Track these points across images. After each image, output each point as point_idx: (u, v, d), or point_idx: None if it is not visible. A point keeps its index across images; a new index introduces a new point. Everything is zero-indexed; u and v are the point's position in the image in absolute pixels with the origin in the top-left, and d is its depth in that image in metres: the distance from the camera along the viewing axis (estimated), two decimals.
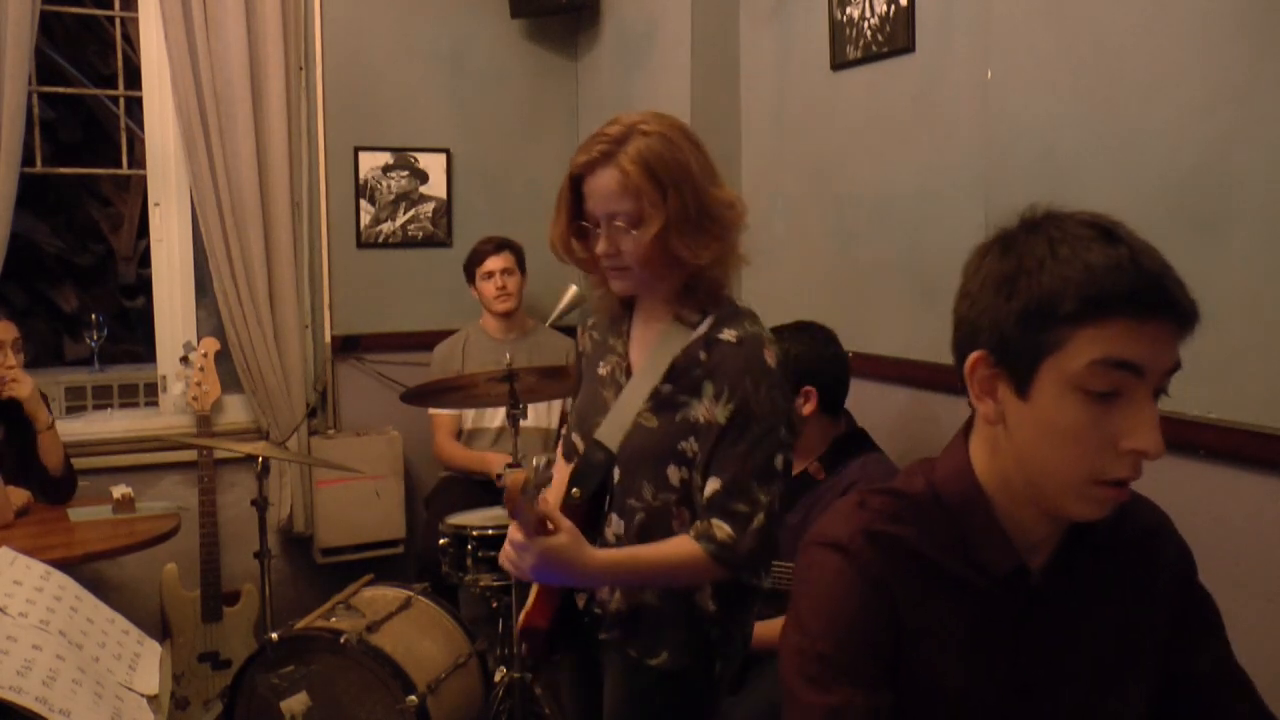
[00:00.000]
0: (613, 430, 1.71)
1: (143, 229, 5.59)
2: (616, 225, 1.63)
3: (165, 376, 3.68)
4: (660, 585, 1.67)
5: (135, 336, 6.13)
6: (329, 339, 3.84)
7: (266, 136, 3.58)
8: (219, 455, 3.38)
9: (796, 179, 3.08)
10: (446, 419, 3.55)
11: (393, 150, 3.89)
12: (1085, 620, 1.10)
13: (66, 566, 1.75)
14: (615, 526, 1.71)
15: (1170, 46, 1.91)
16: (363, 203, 3.87)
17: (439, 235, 3.99)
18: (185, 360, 3.42)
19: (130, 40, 4.08)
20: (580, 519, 1.64)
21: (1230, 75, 1.80)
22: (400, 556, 3.80)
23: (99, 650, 1.50)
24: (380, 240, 3.91)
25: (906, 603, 1.06)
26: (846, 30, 2.80)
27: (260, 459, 2.79)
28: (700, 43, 3.27)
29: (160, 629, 3.21)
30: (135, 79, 3.63)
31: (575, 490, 1.71)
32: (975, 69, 2.38)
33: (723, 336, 1.65)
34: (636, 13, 3.62)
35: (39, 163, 3.55)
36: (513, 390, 2.69)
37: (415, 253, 3.96)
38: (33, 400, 2.95)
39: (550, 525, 1.54)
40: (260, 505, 2.82)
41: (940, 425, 2.53)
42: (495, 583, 2.74)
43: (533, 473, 1.48)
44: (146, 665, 1.56)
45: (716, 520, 1.59)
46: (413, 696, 2.41)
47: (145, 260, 4.81)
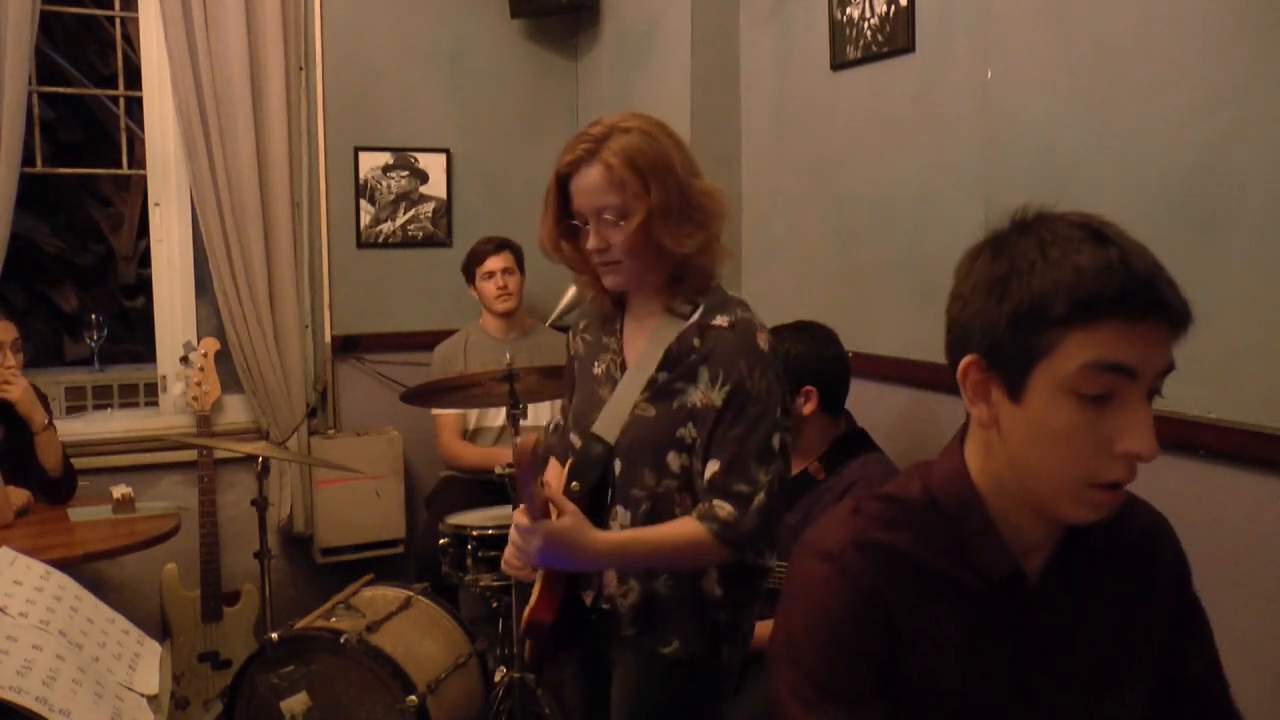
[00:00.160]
0: (610, 423, 1.73)
1: (143, 229, 5.59)
2: (605, 219, 1.67)
3: (165, 376, 3.69)
4: (664, 567, 1.69)
5: (135, 336, 6.13)
6: (329, 339, 3.84)
7: (266, 136, 3.58)
8: (219, 455, 3.38)
9: (796, 179, 3.08)
10: (452, 419, 3.54)
11: (393, 150, 3.89)
12: (1082, 623, 1.09)
13: (66, 566, 1.75)
14: (621, 519, 1.72)
15: (1170, 46, 1.90)
16: (363, 203, 3.87)
17: (439, 235, 3.99)
18: (185, 360, 3.43)
19: (130, 40, 4.08)
20: (581, 511, 1.65)
21: (1230, 75, 1.80)
22: (400, 556, 3.80)
23: (99, 650, 1.50)
24: (380, 240, 3.91)
25: (901, 608, 1.05)
26: (846, 30, 2.80)
27: (260, 459, 2.79)
28: (700, 43, 3.27)
29: (160, 629, 3.21)
30: (135, 79, 3.63)
31: (575, 483, 1.73)
32: (975, 69, 2.38)
33: (716, 322, 1.69)
34: (636, 13, 3.61)
35: (39, 163, 3.55)
36: (513, 390, 2.68)
37: (415, 253, 3.96)
38: (25, 402, 2.93)
39: (555, 509, 1.57)
40: (260, 505, 2.82)
41: (940, 425, 2.53)
42: (495, 583, 2.74)
43: (542, 435, 1.50)
44: (146, 665, 1.56)
45: (718, 501, 1.62)
46: (413, 696, 2.41)
47: (145, 260, 4.81)
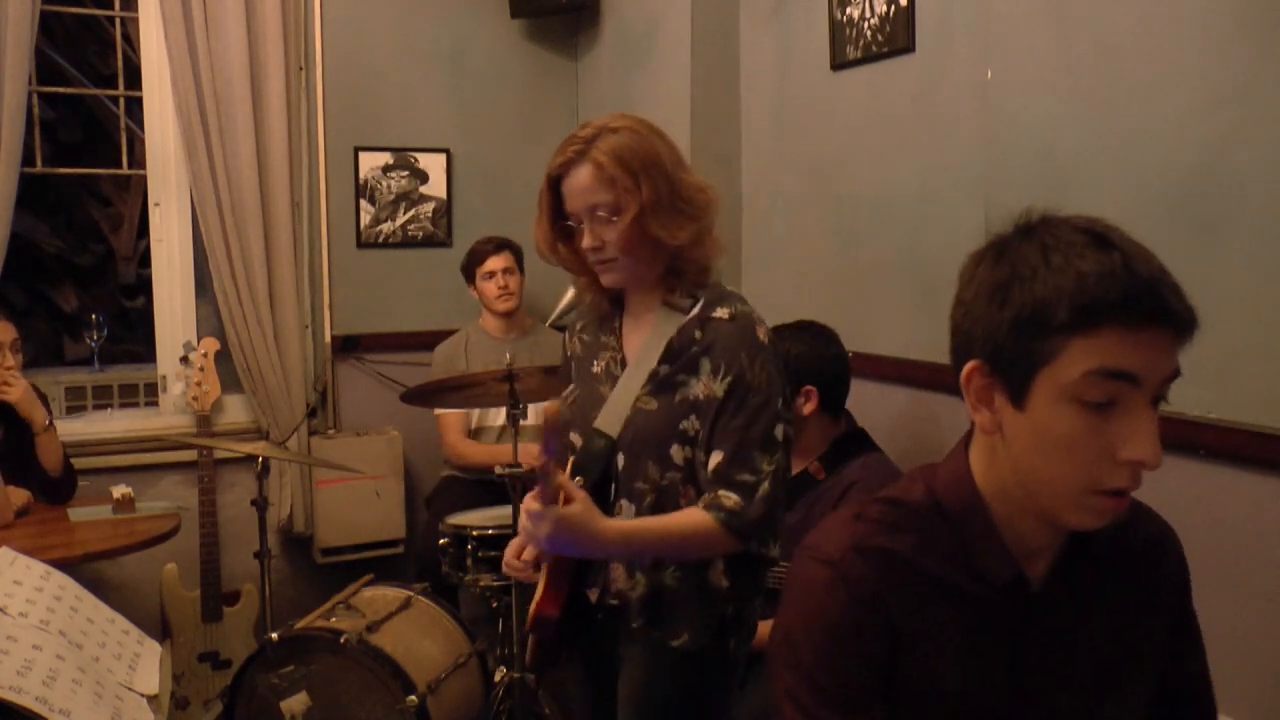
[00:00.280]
0: (611, 418, 1.74)
1: (143, 229, 5.59)
2: (598, 216, 1.69)
3: (165, 376, 3.69)
4: (672, 557, 1.70)
5: (135, 336, 6.13)
6: (329, 339, 3.84)
7: (266, 136, 3.58)
8: (219, 455, 3.38)
9: (796, 179, 3.08)
10: (456, 418, 3.53)
11: (393, 150, 3.89)
12: (1084, 627, 1.09)
13: (66, 566, 1.75)
14: (626, 513, 1.73)
15: (1170, 46, 1.90)
16: (363, 203, 3.87)
17: (439, 235, 3.99)
18: (185, 360, 3.42)
19: (130, 40, 4.08)
20: None
21: (1230, 75, 1.80)
22: (400, 556, 3.80)
23: (99, 650, 1.50)
24: (380, 240, 3.91)
25: (901, 611, 1.05)
26: (846, 30, 2.80)
27: (260, 459, 2.79)
28: (700, 43, 3.27)
29: (160, 629, 3.21)
30: (135, 79, 3.63)
31: (578, 479, 1.73)
32: (975, 69, 2.38)
33: (716, 315, 1.71)
34: (636, 13, 3.61)
35: (39, 163, 3.55)
36: (513, 390, 2.69)
37: (415, 253, 3.96)
38: (25, 402, 2.93)
39: (565, 496, 1.59)
40: (260, 505, 2.82)
41: (940, 426, 2.54)
42: (495, 583, 2.74)
43: (564, 403, 1.52)
44: (146, 665, 1.56)
45: (723, 490, 1.64)
46: (413, 696, 2.41)
47: (145, 260, 4.81)
